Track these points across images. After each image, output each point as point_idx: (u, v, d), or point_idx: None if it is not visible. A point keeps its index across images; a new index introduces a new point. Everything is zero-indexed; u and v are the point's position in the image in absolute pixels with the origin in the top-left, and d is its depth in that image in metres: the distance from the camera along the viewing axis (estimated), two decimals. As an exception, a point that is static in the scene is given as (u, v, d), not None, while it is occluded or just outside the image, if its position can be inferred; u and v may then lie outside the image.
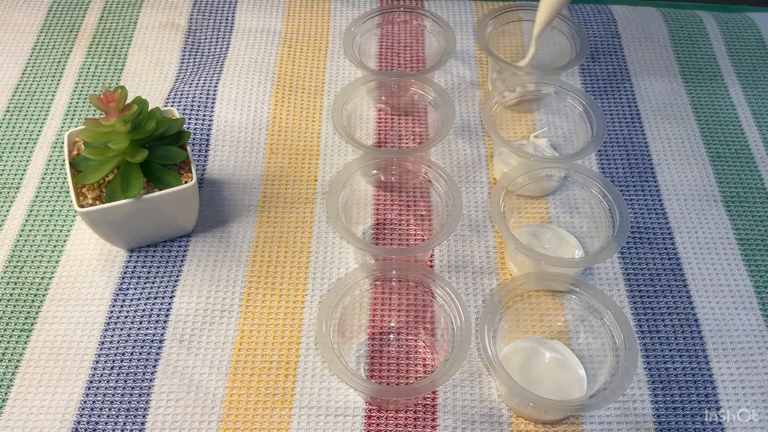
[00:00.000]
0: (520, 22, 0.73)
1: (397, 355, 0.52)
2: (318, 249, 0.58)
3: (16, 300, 0.54)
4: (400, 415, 0.49)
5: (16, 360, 0.51)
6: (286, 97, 0.68)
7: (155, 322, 0.53)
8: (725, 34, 0.76)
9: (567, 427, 0.49)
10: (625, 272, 0.57)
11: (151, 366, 0.51)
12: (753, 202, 0.61)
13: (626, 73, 0.72)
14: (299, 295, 0.55)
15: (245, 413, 0.49)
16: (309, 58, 0.72)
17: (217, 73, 0.70)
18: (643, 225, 0.60)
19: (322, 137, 0.65)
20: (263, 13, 0.76)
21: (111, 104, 0.49)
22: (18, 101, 0.68)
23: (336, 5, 0.77)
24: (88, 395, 0.49)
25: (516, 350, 0.51)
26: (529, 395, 0.45)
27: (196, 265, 0.56)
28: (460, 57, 0.73)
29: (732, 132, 0.67)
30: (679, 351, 0.52)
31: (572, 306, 0.52)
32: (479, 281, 0.56)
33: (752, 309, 0.55)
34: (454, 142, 0.65)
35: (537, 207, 0.60)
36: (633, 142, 0.66)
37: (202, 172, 0.62)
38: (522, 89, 0.64)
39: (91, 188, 0.52)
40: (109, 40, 0.73)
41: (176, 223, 0.56)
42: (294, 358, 0.51)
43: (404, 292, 0.53)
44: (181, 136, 0.54)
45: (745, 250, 0.58)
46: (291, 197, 0.61)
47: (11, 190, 0.61)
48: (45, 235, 0.58)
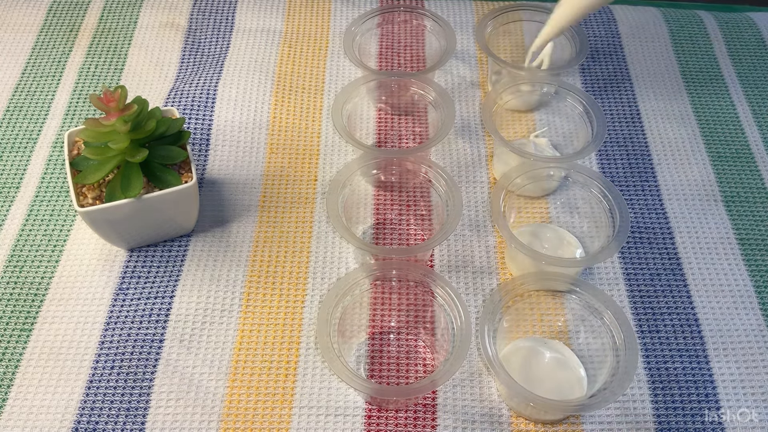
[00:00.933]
0: (521, 22, 0.73)
1: (397, 355, 0.52)
2: (318, 249, 0.58)
3: (16, 300, 0.54)
4: (400, 415, 0.49)
5: (16, 360, 0.51)
6: (286, 96, 0.68)
7: (155, 321, 0.53)
8: (725, 34, 0.76)
9: (567, 427, 0.49)
10: (625, 272, 0.57)
11: (151, 366, 0.51)
12: (753, 202, 0.61)
13: (626, 73, 0.72)
14: (299, 294, 0.55)
15: (245, 413, 0.49)
16: (309, 58, 0.72)
17: (217, 72, 0.70)
18: (643, 225, 0.60)
19: (322, 137, 0.65)
20: (263, 12, 0.76)
21: (111, 104, 0.49)
22: (18, 101, 0.68)
23: (336, 5, 0.77)
24: (88, 395, 0.49)
25: (516, 350, 0.51)
26: (529, 395, 0.45)
27: (196, 264, 0.56)
28: (460, 57, 0.73)
29: (732, 132, 0.67)
30: (679, 351, 0.52)
31: (572, 306, 0.52)
32: (479, 281, 0.56)
33: (752, 309, 0.55)
34: (454, 142, 0.65)
35: (537, 207, 0.60)
36: (633, 142, 0.66)
37: (202, 172, 0.62)
38: (524, 88, 0.64)
39: (91, 188, 0.52)
40: (109, 39, 0.73)
41: (176, 222, 0.56)
42: (294, 357, 0.51)
43: (404, 292, 0.53)
44: (181, 135, 0.54)
45: (746, 250, 0.58)
46: (291, 197, 0.61)
47: (11, 189, 0.61)
48: (45, 235, 0.58)
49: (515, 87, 0.63)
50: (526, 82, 0.64)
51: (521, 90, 0.64)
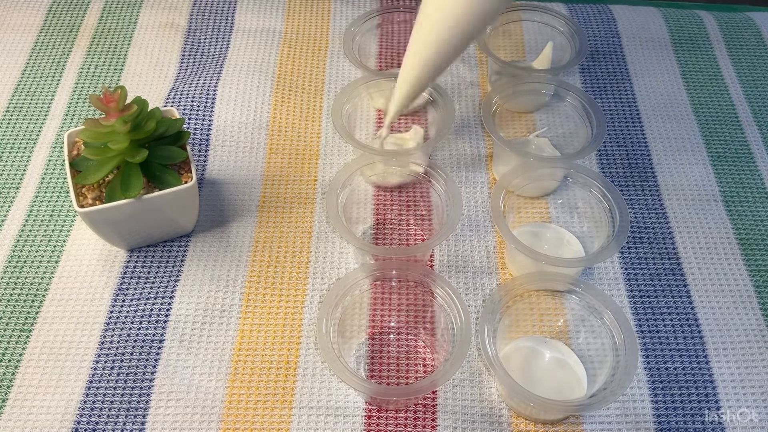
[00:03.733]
0: (520, 23, 0.73)
1: (397, 355, 0.52)
2: (318, 249, 0.58)
3: (16, 300, 0.54)
4: (400, 415, 0.49)
5: (16, 360, 0.51)
6: (285, 97, 0.68)
7: (155, 322, 0.53)
8: (725, 34, 0.76)
9: (567, 427, 0.49)
10: (625, 272, 0.57)
11: (151, 366, 0.51)
12: (753, 202, 0.61)
13: (626, 73, 0.72)
14: (299, 295, 0.55)
15: (245, 413, 0.49)
16: (309, 58, 0.72)
17: (216, 73, 0.70)
18: (643, 225, 0.60)
19: (322, 137, 0.65)
20: (263, 13, 0.76)
21: (111, 104, 0.49)
22: (18, 101, 0.68)
23: (336, 5, 0.77)
24: (88, 395, 0.49)
25: (516, 350, 0.51)
26: (529, 395, 0.45)
27: (196, 265, 0.56)
28: (459, 57, 0.73)
29: (732, 132, 0.67)
30: (679, 351, 0.52)
31: (572, 306, 0.52)
32: (479, 281, 0.56)
33: (752, 309, 0.55)
34: (454, 142, 0.65)
35: (537, 207, 0.60)
36: (633, 142, 0.66)
37: (202, 172, 0.62)
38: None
39: (91, 188, 0.52)
40: (109, 40, 0.73)
41: (176, 223, 0.56)
42: (294, 358, 0.51)
43: (404, 292, 0.53)
44: (181, 136, 0.54)
45: (745, 250, 0.58)
46: (291, 197, 0.61)
47: (11, 190, 0.61)
48: (45, 236, 0.58)
49: (515, 87, 0.63)
50: (526, 82, 0.64)
51: (521, 90, 0.64)
